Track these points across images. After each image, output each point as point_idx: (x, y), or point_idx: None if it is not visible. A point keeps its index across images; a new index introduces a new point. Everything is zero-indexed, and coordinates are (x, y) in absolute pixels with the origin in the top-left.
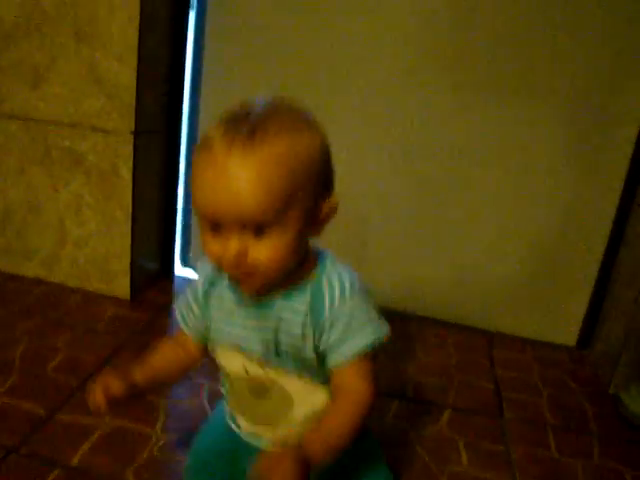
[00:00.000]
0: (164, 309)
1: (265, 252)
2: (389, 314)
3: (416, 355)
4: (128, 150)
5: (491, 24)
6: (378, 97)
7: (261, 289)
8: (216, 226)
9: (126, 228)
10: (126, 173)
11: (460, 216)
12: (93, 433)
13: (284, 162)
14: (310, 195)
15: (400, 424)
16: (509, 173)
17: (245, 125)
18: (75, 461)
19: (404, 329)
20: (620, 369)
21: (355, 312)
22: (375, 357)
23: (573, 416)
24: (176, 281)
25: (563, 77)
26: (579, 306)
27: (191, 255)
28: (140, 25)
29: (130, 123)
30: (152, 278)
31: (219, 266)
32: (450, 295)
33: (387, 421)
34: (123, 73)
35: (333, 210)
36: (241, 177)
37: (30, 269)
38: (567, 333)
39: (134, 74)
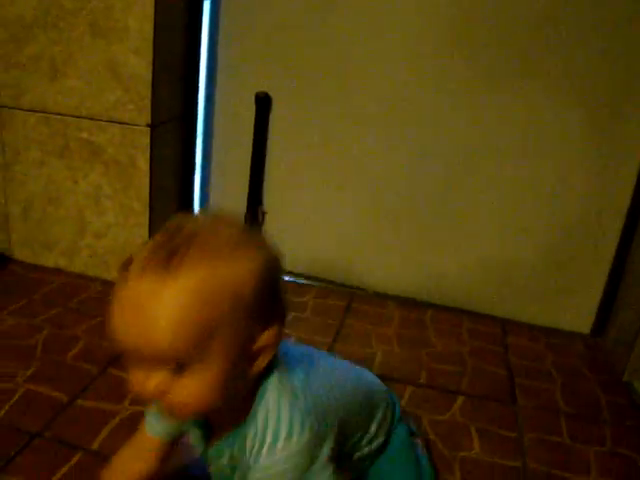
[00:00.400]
0: None
1: (185, 392)
2: (405, 302)
3: (430, 342)
4: (145, 141)
5: (510, 11)
6: (397, 88)
7: (190, 418)
8: (134, 358)
9: (144, 218)
10: (143, 164)
11: (474, 204)
12: (113, 418)
13: (201, 294)
14: (239, 330)
15: (413, 410)
16: (524, 162)
17: (166, 249)
18: (96, 445)
19: (419, 316)
20: (634, 357)
21: (270, 469)
22: None
23: (586, 404)
24: None
25: (580, 66)
26: (593, 294)
27: None
28: (155, 17)
29: (147, 115)
30: None
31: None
32: (464, 283)
33: (400, 407)
34: (139, 66)
35: (274, 343)
36: (150, 310)
37: (51, 259)
38: (581, 321)
39: (150, 66)
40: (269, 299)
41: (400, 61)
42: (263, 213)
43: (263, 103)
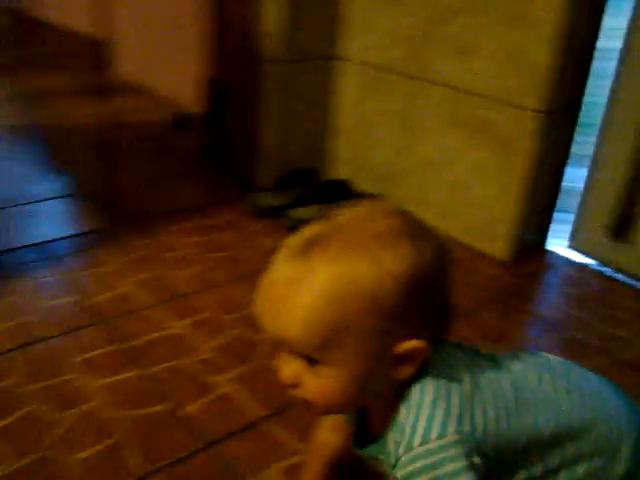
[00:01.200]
0: (535, 277)
1: (314, 388)
2: None
3: None
4: (535, 126)
5: None
6: None
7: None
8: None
9: (517, 197)
10: (529, 147)
11: None
12: None
13: (334, 293)
14: (373, 334)
15: None
16: None
17: (310, 237)
18: None
19: None
20: None
21: (407, 468)
22: None
23: None
24: (552, 257)
25: None
26: None
27: (574, 238)
28: (566, 9)
29: (541, 102)
30: (529, 248)
31: None
32: None
33: None
34: (543, 54)
35: (419, 353)
36: (282, 302)
37: (427, 217)
38: None
39: (553, 56)
40: (416, 307)
41: None
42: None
43: None
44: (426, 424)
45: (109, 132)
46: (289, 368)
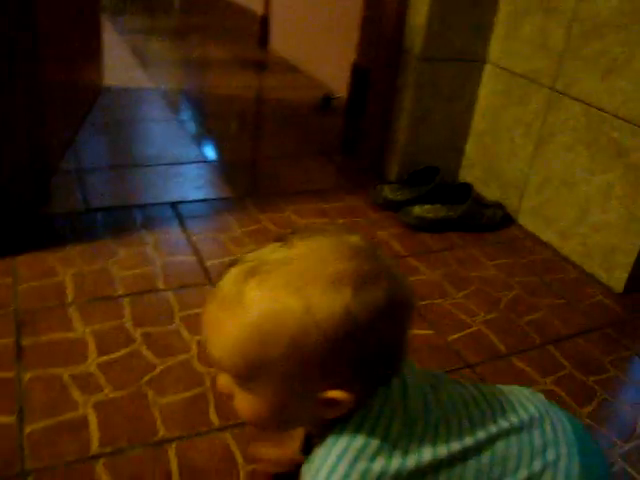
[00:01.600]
0: None
1: (238, 404)
2: None
3: None
4: None
5: None
6: None
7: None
8: None
9: None
10: None
11: None
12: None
13: (257, 331)
14: (292, 377)
15: None
16: None
17: (254, 265)
18: None
19: None
20: None
21: None
22: None
23: None
24: None
25: None
26: None
27: None
28: None
29: None
30: None
31: None
32: None
33: None
34: None
35: (345, 406)
36: (213, 322)
37: (546, 234)
38: None
39: None
40: (344, 359)
41: None
42: None
43: None
44: (329, 470)
45: (257, 106)
46: (221, 378)
